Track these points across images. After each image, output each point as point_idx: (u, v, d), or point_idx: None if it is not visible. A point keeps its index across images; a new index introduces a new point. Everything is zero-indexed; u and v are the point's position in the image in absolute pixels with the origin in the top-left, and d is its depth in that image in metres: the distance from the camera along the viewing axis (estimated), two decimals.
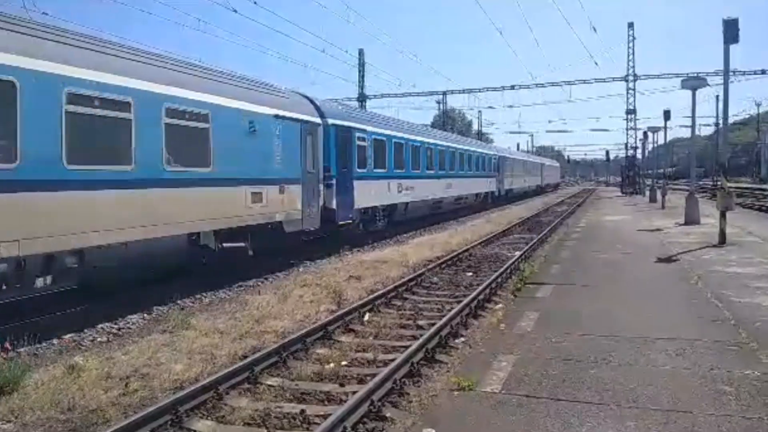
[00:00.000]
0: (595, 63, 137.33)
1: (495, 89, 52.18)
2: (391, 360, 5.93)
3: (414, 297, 9.87)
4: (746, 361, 5.52)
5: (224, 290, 10.59)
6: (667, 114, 31.66)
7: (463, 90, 55.81)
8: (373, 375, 5.51)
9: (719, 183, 16.99)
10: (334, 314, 7.99)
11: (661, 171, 49.50)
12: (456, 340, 7.10)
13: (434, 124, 64.07)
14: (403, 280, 10.50)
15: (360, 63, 53.02)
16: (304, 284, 10.59)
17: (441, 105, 62.01)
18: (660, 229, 17.91)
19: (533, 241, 16.37)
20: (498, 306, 8.86)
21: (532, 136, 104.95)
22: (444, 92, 58.63)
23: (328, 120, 14.81)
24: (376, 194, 17.88)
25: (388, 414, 4.87)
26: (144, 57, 9.47)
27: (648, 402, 4.61)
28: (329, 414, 4.61)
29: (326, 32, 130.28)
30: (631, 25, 49.11)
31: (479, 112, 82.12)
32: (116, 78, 8.35)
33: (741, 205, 25.92)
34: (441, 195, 24.75)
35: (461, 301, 8.48)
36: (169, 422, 4.72)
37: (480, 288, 9.33)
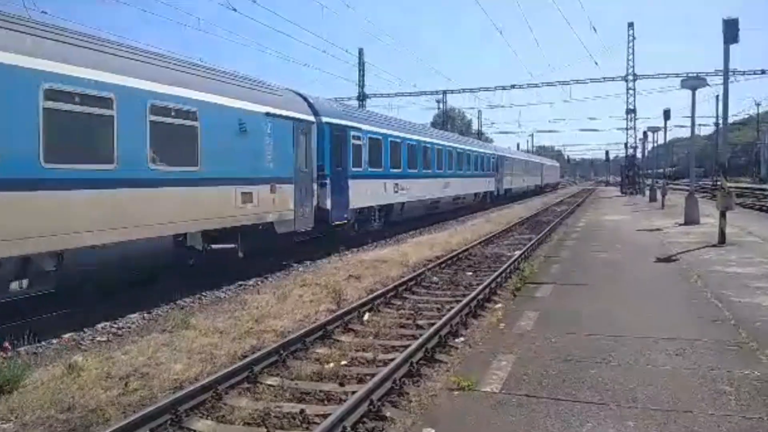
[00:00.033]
0: (595, 62, 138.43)
1: (495, 89, 52.24)
2: (391, 360, 5.93)
3: (414, 296, 9.87)
4: (746, 361, 5.52)
5: (223, 290, 10.58)
6: (667, 114, 31.65)
7: (463, 89, 55.92)
8: (373, 375, 5.51)
9: (719, 183, 16.99)
10: (334, 314, 7.98)
11: (661, 171, 49.53)
12: (456, 340, 7.10)
13: (434, 124, 64.14)
14: (403, 280, 10.50)
15: (360, 62, 53.08)
16: (304, 284, 10.60)
17: (441, 104, 62.08)
18: (660, 229, 17.92)
19: (533, 241, 16.38)
20: (498, 305, 8.86)
21: (532, 136, 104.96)
22: (444, 91, 58.65)
23: (322, 118, 14.54)
24: (372, 194, 17.60)
25: (388, 414, 4.87)
26: (128, 52, 9.15)
27: (648, 402, 4.61)
28: (329, 414, 4.61)
29: (326, 32, 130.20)
30: (631, 25, 49.20)
31: (479, 112, 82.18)
32: (98, 73, 8.04)
33: (741, 205, 25.92)
34: (438, 195, 24.45)
35: (461, 301, 8.48)
36: (169, 422, 4.72)
37: (480, 288, 9.33)
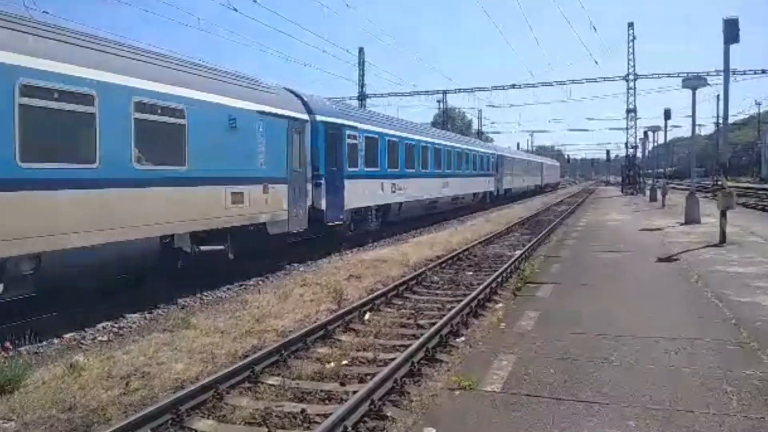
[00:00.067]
0: (595, 62, 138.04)
1: (495, 88, 52.28)
2: (392, 359, 5.93)
3: (414, 296, 9.88)
4: (747, 361, 5.51)
5: (224, 289, 10.59)
6: (668, 113, 31.66)
7: (463, 89, 55.92)
8: (374, 374, 5.51)
9: (720, 182, 16.98)
10: (335, 313, 7.99)
11: (662, 170, 49.53)
12: (456, 340, 7.11)
13: (434, 123, 64.12)
14: (404, 279, 10.50)
15: (360, 62, 53.09)
16: (305, 283, 10.60)
17: (441, 104, 62.10)
18: (660, 229, 17.91)
19: (533, 241, 16.37)
20: (498, 305, 8.86)
21: (532, 135, 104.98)
22: (444, 91, 58.71)
23: (317, 117, 14.26)
24: (369, 194, 17.35)
25: (389, 413, 4.87)
26: (111, 47, 8.81)
27: (649, 401, 4.60)
28: (330, 413, 4.61)
29: (327, 32, 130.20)
30: (631, 25, 49.20)
31: (479, 112, 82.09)
32: (78, 69, 7.75)
33: (742, 205, 25.91)
34: (437, 195, 24.22)
35: (462, 301, 8.48)
36: (170, 421, 4.72)
37: (480, 287, 9.34)
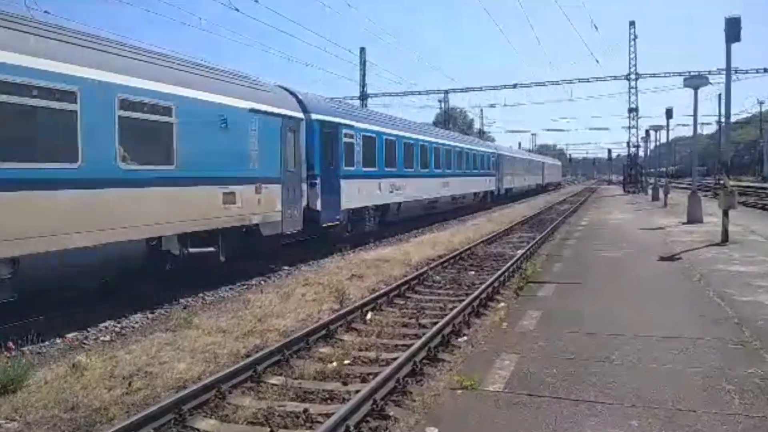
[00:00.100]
0: (597, 61, 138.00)
1: (496, 88, 52.37)
2: (394, 359, 5.93)
3: (416, 296, 9.88)
4: (750, 360, 5.51)
5: (226, 289, 10.60)
6: (670, 112, 31.60)
7: (465, 89, 55.91)
8: (376, 374, 5.51)
9: (722, 181, 16.96)
10: (337, 313, 7.99)
11: (664, 169, 49.47)
12: (458, 339, 7.11)
13: (436, 123, 64.08)
14: (406, 279, 10.50)
15: (361, 62, 53.09)
16: (307, 283, 10.61)
17: (443, 104, 62.09)
18: (662, 228, 17.89)
19: (535, 240, 16.36)
20: (500, 305, 8.86)
21: (534, 135, 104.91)
22: (446, 91, 58.70)
23: (312, 115, 13.94)
24: (366, 194, 17.03)
25: (391, 413, 4.88)
26: (94, 42, 8.45)
27: (651, 401, 4.60)
28: (332, 413, 4.62)
29: (329, 31, 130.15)
30: (633, 24, 49.19)
31: (481, 111, 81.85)
32: (58, 65, 7.43)
33: (744, 204, 25.88)
34: (436, 195, 23.95)
35: (463, 300, 8.49)
36: (173, 421, 4.73)
37: (482, 287, 9.34)
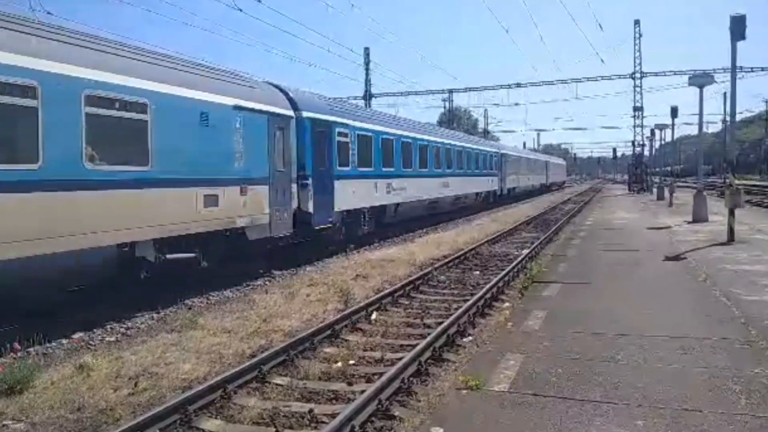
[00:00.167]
0: (601, 60, 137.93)
1: (500, 87, 52.18)
2: (399, 359, 5.94)
3: (421, 296, 9.88)
4: (756, 359, 5.48)
5: (231, 289, 10.62)
6: (675, 111, 31.54)
7: (469, 88, 55.77)
8: (381, 374, 5.51)
9: (727, 180, 16.89)
10: (342, 313, 8.00)
11: (669, 168, 49.28)
12: (463, 339, 7.11)
13: (440, 123, 64.04)
14: (410, 279, 10.50)
15: (366, 62, 53.08)
16: (311, 283, 10.63)
17: (447, 103, 62.00)
18: (668, 227, 17.83)
19: (540, 240, 16.35)
20: (505, 305, 8.86)
21: (539, 134, 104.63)
22: (450, 90, 58.56)
23: (303, 113, 13.28)
24: (361, 195, 16.31)
25: (396, 413, 4.88)
26: (57, 34, 7.91)
27: (657, 401, 4.58)
28: (337, 413, 4.63)
29: (332, 31, 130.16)
30: (638, 23, 48.92)
31: (485, 110, 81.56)
32: (14, 57, 6.94)
33: (749, 203, 25.76)
34: (437, 195, 23.31)
35: (468, 300, 8.48)
36: (178, 421, 4.75)
37: (487, 287, 9.34)
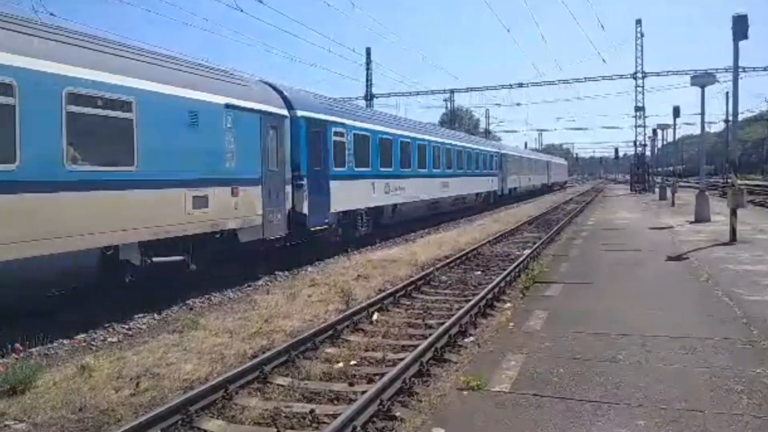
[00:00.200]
0: (603, 60, 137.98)
1: (502, 87, 52.23)
2: (401, 359, 5.94)
3: (423, 296, 9.88)
4: (758, 360, 5.47)
5: (233, 290, 10.63)
6: (677, 111, 31.52)
7: (470, 88, 55.77)
8: (383, 374, 5.52)
9: (730, 180, 16.87)
10: (343, 314, 8.00)
11: (671, 168, 49.22)
12: (465, 339, 7.11)
13: (442, 123, 64.02)
14: (412, 279, 10.50)
15: (367, 62, 53.08)
16: (313, 284, 10.63)
17: (448, 103, 61.98)
18: (670, 227, 17.80)
19: (542, 240, 16.34)
20: (507, 305, 8.85)
21: (540, 134, 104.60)
22: (451, 90, 58.54)
23: (298, 112, 13.01)
24: (358, 196, 16.08)
25: (398, 413, 4.88)
26: (36, 29, 7.64)
27: (658, 401, 4.58)
28: (339, 413, 4.63)
29: (333, 31, 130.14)
30: (639, 22, 48.86)
31: (487, 110, 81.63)
32: None
33: (752, 203, 25.72)
34: (436, 195, 23.03)
35: (470, 300, 8.48)
36: (180, 422, 4.75)
37: (489, 287, 9.33)
